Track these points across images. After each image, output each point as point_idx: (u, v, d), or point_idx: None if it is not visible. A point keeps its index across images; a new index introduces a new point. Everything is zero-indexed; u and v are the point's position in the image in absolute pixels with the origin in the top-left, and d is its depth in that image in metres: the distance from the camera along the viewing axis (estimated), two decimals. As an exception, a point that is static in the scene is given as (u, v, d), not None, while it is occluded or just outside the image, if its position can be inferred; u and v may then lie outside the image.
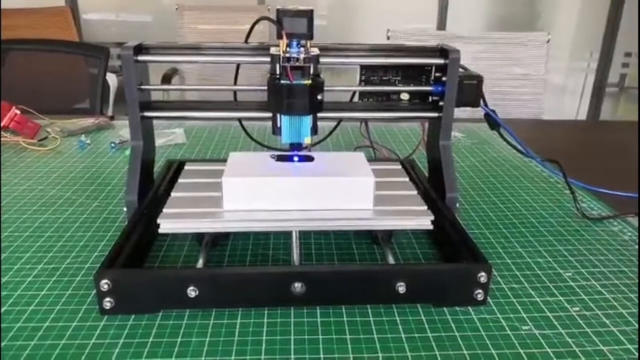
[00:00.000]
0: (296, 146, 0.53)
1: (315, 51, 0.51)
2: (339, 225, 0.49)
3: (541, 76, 1.41)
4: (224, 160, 0.54)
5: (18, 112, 0.85)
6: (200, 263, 0.47)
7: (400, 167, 0.64)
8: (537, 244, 0.56)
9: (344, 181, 0.50)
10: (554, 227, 0.60)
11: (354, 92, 0.60)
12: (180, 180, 0.57)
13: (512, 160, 0.81)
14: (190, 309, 0.43)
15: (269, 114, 0.53)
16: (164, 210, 0.50)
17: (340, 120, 0.62)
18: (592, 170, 0.75)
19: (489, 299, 0.45)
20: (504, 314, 0.44)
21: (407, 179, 0.59)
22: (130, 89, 0.53)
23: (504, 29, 2.61)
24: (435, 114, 0.58)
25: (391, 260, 0.48)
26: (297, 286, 0.43)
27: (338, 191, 0.50)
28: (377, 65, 0.58)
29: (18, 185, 0.68)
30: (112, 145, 0.83)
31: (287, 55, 0.49)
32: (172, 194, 0.54)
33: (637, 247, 0.55)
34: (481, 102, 0.58)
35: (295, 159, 0.53)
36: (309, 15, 0.47)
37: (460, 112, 0.58)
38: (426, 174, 0.64)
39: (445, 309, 0.44)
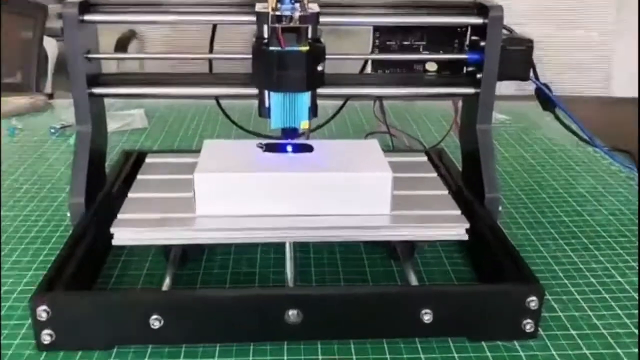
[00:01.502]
0: (290, 132, 0.54)
1: (314, 8, 0.51)
2: (347, 235, 0.50)
3: (608, 40, 1.40)
4: (197, 151, 0.54)
5: None
6: (166, 284, 0.48)
7: (425, 159, 0.64)
8: (603, 258, 0.56)
9: (352, 178, 0.50)
10: (624, 236, 0.60)
11: (366, 62, 0.60)
12: (139, 177, 0.58)
13: (570, 149, 0.81)
14: (153, 344, 0.43)
15: (255, 91, 0.53)
16: (119, 215, 0.51)
17: (347, 98, 0.62)
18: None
19: (540, 331, 0.45)
20: (560, 349, 0.44)
21: (434, 175, 0.60)
22: (75, 59, 0.53)
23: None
24: (471, 90, 0.58)
25: (414, 280, 0.49)
26: (292, 314, 0.43)
27: (345, 191, 0.50)
28: (395, 27, 0.58)
29: None
30: (52, 131, 0.84)
31: (278, 13, 0.49)
32: (130, 194, 0.54)
33: None
34: (531, 74, 0.58)
35: (289, 149, 0.54)
36: (305, -39, 0.48)
37: (504, 88, 0.58)
38: (459, 168, 0.65)
39: (483, 343, 0.44)
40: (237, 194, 0.50)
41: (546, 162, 0.78)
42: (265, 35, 0.50)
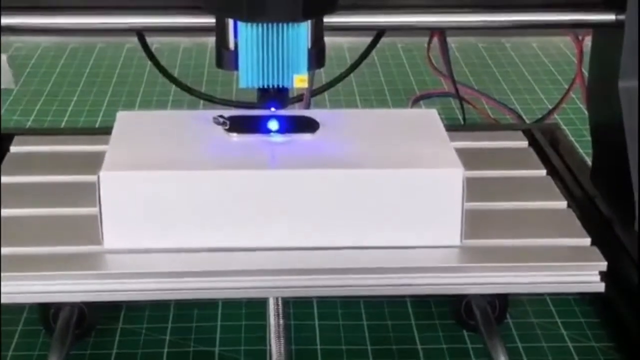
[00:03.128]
0: (275, 96, 0.51)
1: None
2: (379, 284, 0.48)
3: None
4: (105, 131, 0.54)
5: None
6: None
7: (525, 143, 0.64)
8: None
9: (389, 179, 0.48)
10: None
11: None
12: (1, 179, 0.57)
13: None
14: None
15: (210, 20, 0.52)
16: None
17: (380, 32, 0.61)
18: None
19: None
20: None
21: (542, 172, 0.59)
22: None
23: None
24: (609, 16, 0.55)
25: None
26: None
27: (376, 203, 0.48)
28: None
29: None
30: None
31: None
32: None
33: None
34: None
35: (273, 126, 0.52)
36: None
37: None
38: (587, 161, 0.64)
39: None
40: (178, 211, 0.47)
41: None
42: None
